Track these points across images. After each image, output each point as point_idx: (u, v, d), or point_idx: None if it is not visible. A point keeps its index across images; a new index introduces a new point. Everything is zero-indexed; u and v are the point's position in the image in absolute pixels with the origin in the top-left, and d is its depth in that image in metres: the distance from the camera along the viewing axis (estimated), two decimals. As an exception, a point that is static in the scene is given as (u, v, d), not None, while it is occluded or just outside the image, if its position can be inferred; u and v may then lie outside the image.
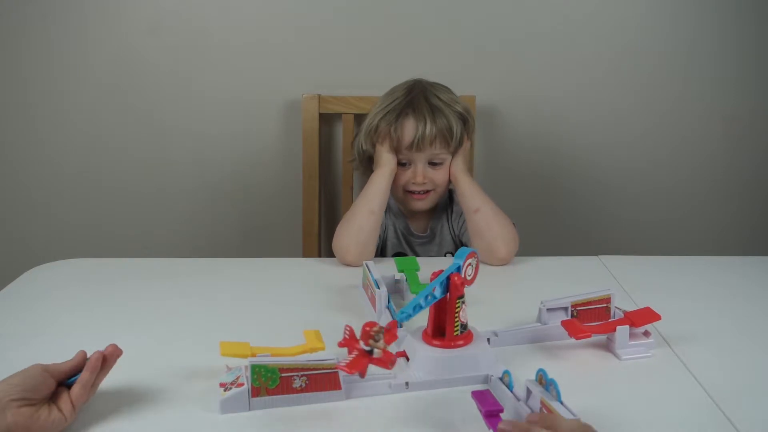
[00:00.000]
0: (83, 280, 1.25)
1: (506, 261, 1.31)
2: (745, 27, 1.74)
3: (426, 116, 1.36)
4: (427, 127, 1.35)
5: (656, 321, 1.00)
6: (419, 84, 1.42)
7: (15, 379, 0.77)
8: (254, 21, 1.70)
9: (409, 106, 1.37)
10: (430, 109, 1.37)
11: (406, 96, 1.39)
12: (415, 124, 1.36)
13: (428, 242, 1.50)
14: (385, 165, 1.38)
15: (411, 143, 1.36)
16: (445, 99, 1.40)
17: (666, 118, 1.79)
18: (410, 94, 1.40)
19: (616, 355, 0.98)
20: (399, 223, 1.50)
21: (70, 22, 1.68)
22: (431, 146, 1.37)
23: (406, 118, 1.37)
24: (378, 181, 1.37)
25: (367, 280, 1.13)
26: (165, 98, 1.74)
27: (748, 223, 1.88)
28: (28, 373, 0.78)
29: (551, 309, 1.02)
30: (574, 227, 1.87)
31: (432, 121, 1.36)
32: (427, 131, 1.35)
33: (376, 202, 1.35)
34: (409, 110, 1.37)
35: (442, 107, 1.38)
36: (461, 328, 0.92)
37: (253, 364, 0.83)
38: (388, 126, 1.37)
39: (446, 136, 1.37)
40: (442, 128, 1.36)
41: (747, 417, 0.83)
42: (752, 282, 1.26)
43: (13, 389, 0.75)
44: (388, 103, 1.40)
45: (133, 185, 1.80)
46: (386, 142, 1.38)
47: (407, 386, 0.88)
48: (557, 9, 1.71)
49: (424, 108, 1.37)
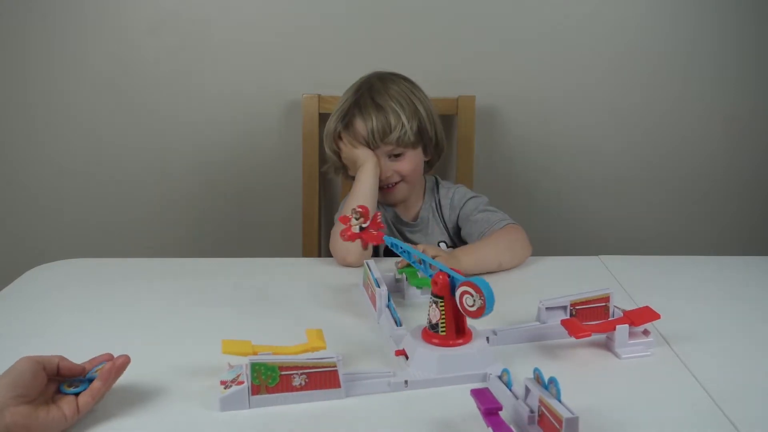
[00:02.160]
0: (83, 280, 1.25)
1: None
2: (745, 27, 1.74)
3: (371, 113, 1.40)
4: (375, 123, 1.39)
5: (655, 320, 1.00)
6: (367, 82, 1.45)
7: (6, 379, 0.75)
8: (254, 21, 1.70)
9: (355, 106, 1.42)
10: (374, 105, 1.40)
11: (354, 95, 1.44)
12: (363, 124, 1.40)
13: (419, 230, 1.51)
14: (366, 161, 1.40)
15: (365, 142, 1.40)
16: (392, 93, 1.42)
17: (666, 118, 1.79)
18: (357, 93, 1.44)
19: (616, 354, 0.98)
20: (387, 212, 1.52)
21: (70, 22, 1.68)
22: (383, 142, 1.40)
23: (353, 118, 1.41)
24: (364, 179, 1.39)
25: (368, 279, 1.13)
26: (165, 98, 1.74)
27: (748, 223, 1.88)
28: (18, 369, 0.76)
29: (550, 308, 1.02)
30: (574, 227, 1.87)
31: (375, 118, 1.39)
32: (375, 128, 1.39)
33: (366, 200, 1.36)
34: (355, 110, 1.41)
35: (387, 102, 1.40)
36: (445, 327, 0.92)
37: (253, 362, 0.83)
38: (342, 126, 1.42)
39: (393, 128, 1.39)
40: (387, 124, 1.39)
41: (747, 417, 0.83)
42: (752, 282, 1.26)
43: (7, 389, 0.73)
44: (339, 106, 1.46)
45: (134, 185, 1.80)
46: (354, 141, 1.42)
47: (406, 384, 0.88)
48: (557, 9, 1.71)
49: (369, 105, 1.40)
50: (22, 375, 0.76)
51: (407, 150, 1.43)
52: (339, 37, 1.71)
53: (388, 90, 1.42)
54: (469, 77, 1.72)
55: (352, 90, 1.46)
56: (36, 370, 0.77)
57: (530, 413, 0.78)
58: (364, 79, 1.47)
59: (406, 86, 1.45)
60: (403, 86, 1.45)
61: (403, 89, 1.44)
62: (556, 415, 0.74)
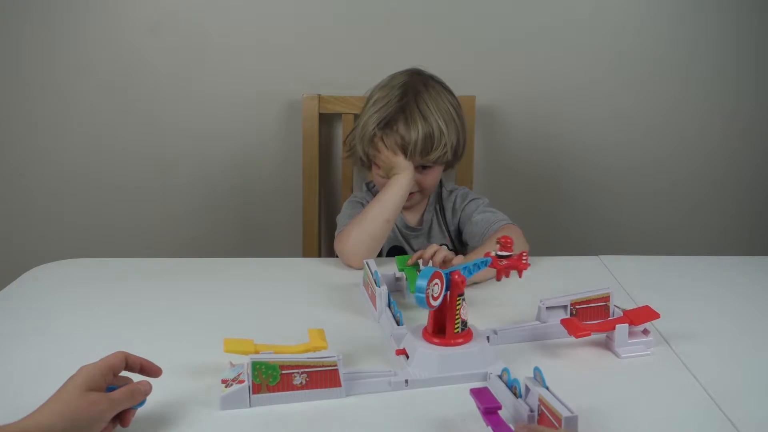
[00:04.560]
0: (83, 280, 1.25)
1: None
2: (745, 27, 1.74)
3: (419, 124, 1.34)
4: (419, 135, 1.33)
5: (655, 319, 1.00)
6: (412, 86, 1.39)
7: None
8: (254, 21, 1.70)
9: (400, 112, 1.36)
10: (421, 116, 1.35)
11: (399, 99, 1.37)
12: (407, 132, 1.34)
13: (422, 234, 1.51)
14: (404, 171, 1.35)
15: (403, 150, 1.35)
16: (441, 107, 1.37)
17: (666, 118, 1.80)
18: (403, 97, 1.37)
19: (616, 354, 0.98)
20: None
21: (70, 22, 1.68)
22: (421, 156, 1.36)
23: (396, 123, 1.36)
24: (395, 191, 1.34)
25: (368, 279, 1.13)
26: (165, 98, 1.74)
27: (748, 223, 1.88)
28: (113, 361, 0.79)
29: (551, 307, 1.03)
30: (574, 227, 1.87)
31: (421, 130, 1.34)
32: (419, 140, 1.33)
33: (392, 210, 1.33)
34: (400, 116, 1.35)
35: (432, 116, 1.35)
36: (462, 326, 0.92)
37: (254, 361, 0.83)
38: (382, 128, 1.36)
39: (435, 147, 1.35)
40: (431, 140, 1.34)
41: (747, 417, 0.83)
42: (752, 282, 1.26)
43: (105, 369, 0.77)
44: (381, 105, 1.38)
45: (134, 185, 1.80)
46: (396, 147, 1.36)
47: (407, 384, 0.89)
48: (557, 9, 1.71)
49: (416, 115, 1.35)
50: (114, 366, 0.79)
51: (436, 165, 1.41)
52: (339, 37, 1.72)
53: (437, 103, 1.37)
54: (469, 77, 1.72)
55: (395, 91, 1.39)
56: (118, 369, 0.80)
57: (530, 412, 0.79)
58: (407, 80, 1.40)
59: (450, 101, 1.40)
60: (447, 100, 1.40)
61: (448, 104, 1.39)
62: (555, 414, 0.74)
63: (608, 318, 1.04)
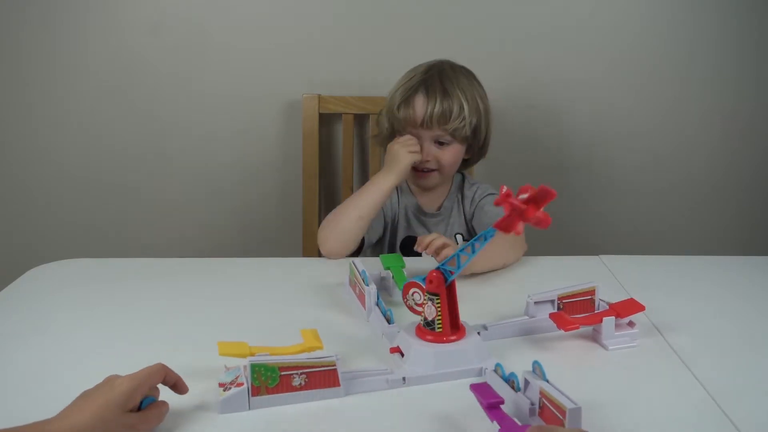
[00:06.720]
0: (83, 280, 1.25)
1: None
2: (745, 27, 1.74)
3: (437, 96, 1.38)
4: (438, 106, 1.37)
5: (640, 311, 1.02)
6: (439, 66, 1.44)
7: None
8: (254, 21, 1.70)
9: (422, 84, 1.40)
10: (442, 89, 1.39)
11: (423, 74, 1.42)
12: (425, 103, 1.38)
13: (442, 220, 1.51)
14: (393, 170, 1.37)
15: (420, 121, 1.38)
16: (462, 85, 1.41)
17: (666, 118, 1.79)
18: (427, 73, 1.42)
19: (603, 346, 0.99)
20: (409, 202, 1.50)
21: (70, 22, 1.68)
22: (439, 126, 1.38)
23: (415, 95, 1.39)
24: (374, 189, 1.36)
25: (355, 278, 1.13)
26: (165, 98, 1.74)
27: (748, 223, 1.88)
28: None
29: (539, 302, 1.04)
30: (574, 227, 1.87)
31: (441, 102, 1.37)
32: (436, 110, 1.37)
33: (367, 210, 1.35)
34: (421, 87, 1.39)
35: (455, 90, 1.39)
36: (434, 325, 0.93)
37: (253, 363, 0.83)
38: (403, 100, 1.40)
39: (454, 117, 1.38)
40: (450, 110, 1.37)
41: (747, 416, 0.83)
42: (752, 282, 1.26)
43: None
44: (406, 80, 1.43)
45: (134, 185, 1.80)
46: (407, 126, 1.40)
47: (404, 381, 0.89)
48: (557, 9, 1.71)
49: (437, 88, 1.39)
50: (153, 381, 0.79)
51: (455, 142, 1.42)
52: (339, 37, 1.72)
53: (459, 81, 1.41)
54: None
55: (420, 69, 1.44)
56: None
57: (531, 405, 0.79)
58: (435, 62, 1.45)
59: (476, 84, 1.45)
60: (473, 82, 1.44)
61: (472, 85, 1.43)
62: (558, 406, 0.75)
63: (594, 311, 1.05)
